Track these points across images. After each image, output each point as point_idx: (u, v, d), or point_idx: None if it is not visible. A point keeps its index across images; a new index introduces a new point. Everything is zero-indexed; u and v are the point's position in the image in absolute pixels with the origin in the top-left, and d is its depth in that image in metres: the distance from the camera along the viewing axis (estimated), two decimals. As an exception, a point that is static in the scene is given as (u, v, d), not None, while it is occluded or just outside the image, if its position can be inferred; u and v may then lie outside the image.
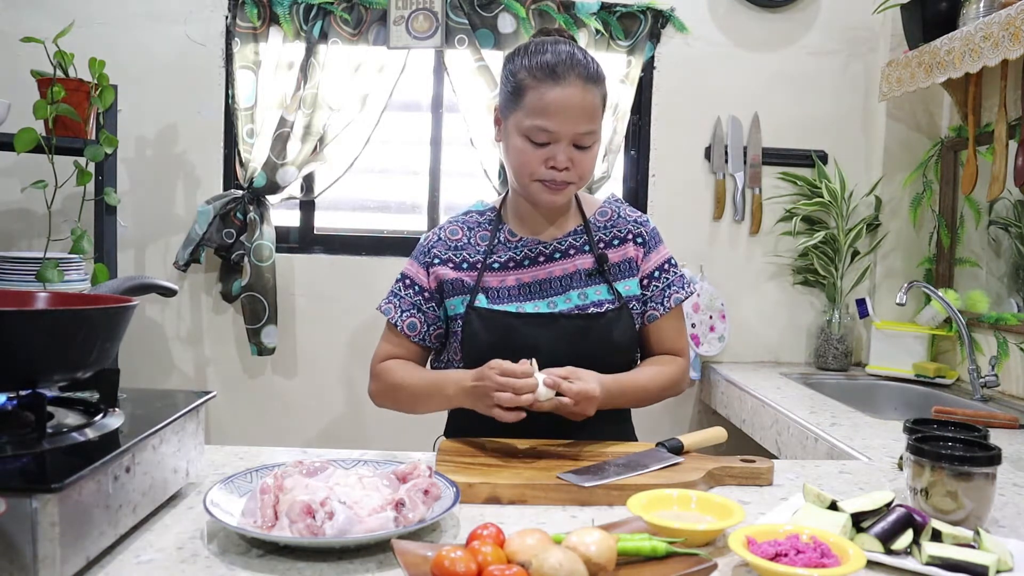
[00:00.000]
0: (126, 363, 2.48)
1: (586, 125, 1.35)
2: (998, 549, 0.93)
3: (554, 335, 1.40)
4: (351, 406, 2.71)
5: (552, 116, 1.33)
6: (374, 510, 0.94)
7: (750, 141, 2.76)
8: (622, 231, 1.50)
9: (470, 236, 1.50)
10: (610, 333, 1.42)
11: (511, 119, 1.39)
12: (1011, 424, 1.84)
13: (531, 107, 1.35)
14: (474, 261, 1.46)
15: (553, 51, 1.36)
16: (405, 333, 1.47)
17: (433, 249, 1.49)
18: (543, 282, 1.45)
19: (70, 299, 1.12)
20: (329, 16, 2.54)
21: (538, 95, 1.34)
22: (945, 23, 2.26)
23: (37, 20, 2.44)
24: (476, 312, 1.42)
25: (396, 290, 1.50)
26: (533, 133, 1.35)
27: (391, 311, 1.49)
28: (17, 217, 2.54)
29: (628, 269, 1.48)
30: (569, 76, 1.33)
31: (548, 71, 1.34)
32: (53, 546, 0.76)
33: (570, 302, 1.43)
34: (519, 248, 1.47)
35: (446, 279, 1.46)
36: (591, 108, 1.36)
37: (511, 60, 1.41)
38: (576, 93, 1.34)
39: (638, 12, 2.64)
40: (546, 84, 1.34)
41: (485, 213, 1.53)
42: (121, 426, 0.97)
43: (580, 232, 1.49)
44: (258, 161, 2.55)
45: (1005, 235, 2.42)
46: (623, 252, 1.49)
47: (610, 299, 1.44)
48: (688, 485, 1.14)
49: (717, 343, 2.68)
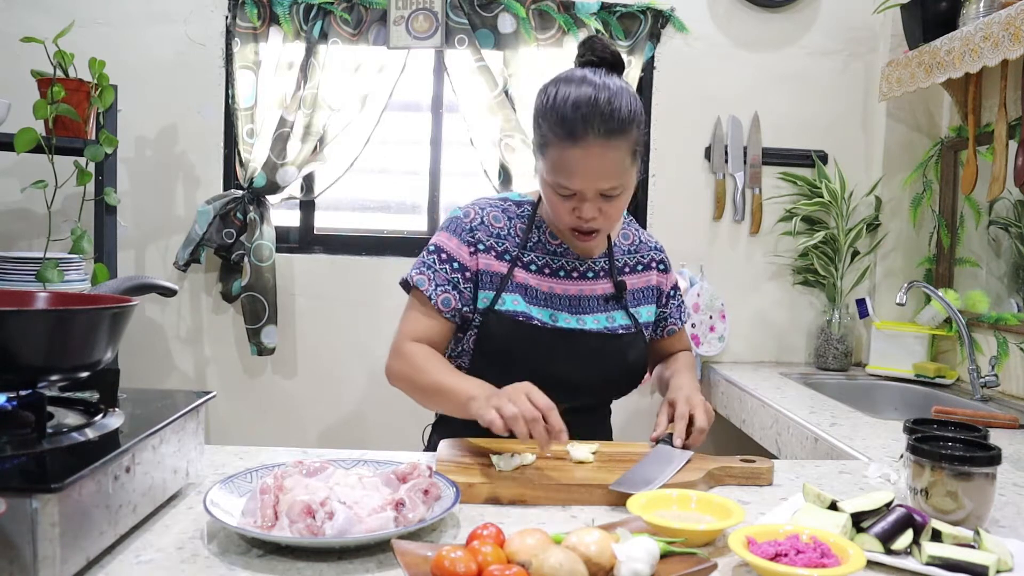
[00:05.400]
0: (126, 363, 2.49)
1: (609, 182, 1.30)
2: (998, 549, 0.93)
3: (577, 351, 1.40)
4: (351, 406, 2.71)
5: (572, 177, 1.29)
6: (374, 510, 0.94)
7: (750, 141, 2.76)
8: (645, 257, 1.54)
9: (510, 226, 1.44)
10: (625, 355, 1.45)
11: (541, 167, 1.36)
12: (1011, 424, 1.84)
13: (553, 164, 1.31)
14: (514, 254, 1.42)
15: (575, 102, 1.27)
16: (439, 308, 1.37)
17: (477, 232, 1.41)
18: (573, 298, 1.44)
19: (70, 299, 1.12)
20: (329, 16, 2.54)
21: (558, 153, 1.29)
22: (945, 23, 2.26)
23: (37, 20, 2.44)
24: (496, 315, 1.38)
25: (430, 262, 1.40)
26: (557, 187, 1.33)
27: (424, 282, 1.38)
28: (17, 217, 2.54)
29: (649, 295, 1.53)
30: (588, 135, 1.26)
31: (567, 130, 1.27)
32: (53, 546, 0.76)
33: (599, 324, 1.44)
34: (557, 256, 1.45)
35: (487, 268, 1.40)
36: (613, 165, 1.29)
37: (541, 105, 1.34)
38: (595, 153, 1.27)
39: (638, 12, 2.64)
40: (566, 143, 1.28)
41: (523, 205, 1.47)
42: (121, 426, 0.97)
43: (605, 257, 1.49)
44: (258, 161, 2.55)
45: (1005, 235, 2.42)
46: (646, 279, 1.53)
47: (628, 324, 1.47)
48: (688, 485, 1.14)
49: (717, 343, 2.68)
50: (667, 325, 1.57)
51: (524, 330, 1.38)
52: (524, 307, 1.39)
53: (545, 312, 1.41)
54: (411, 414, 1.88)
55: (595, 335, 1.42)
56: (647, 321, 1.51)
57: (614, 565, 0.82)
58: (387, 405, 2.62)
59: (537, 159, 1.38)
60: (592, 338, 1.41)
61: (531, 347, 1.38)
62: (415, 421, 1.73)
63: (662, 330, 1.58)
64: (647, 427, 1.59)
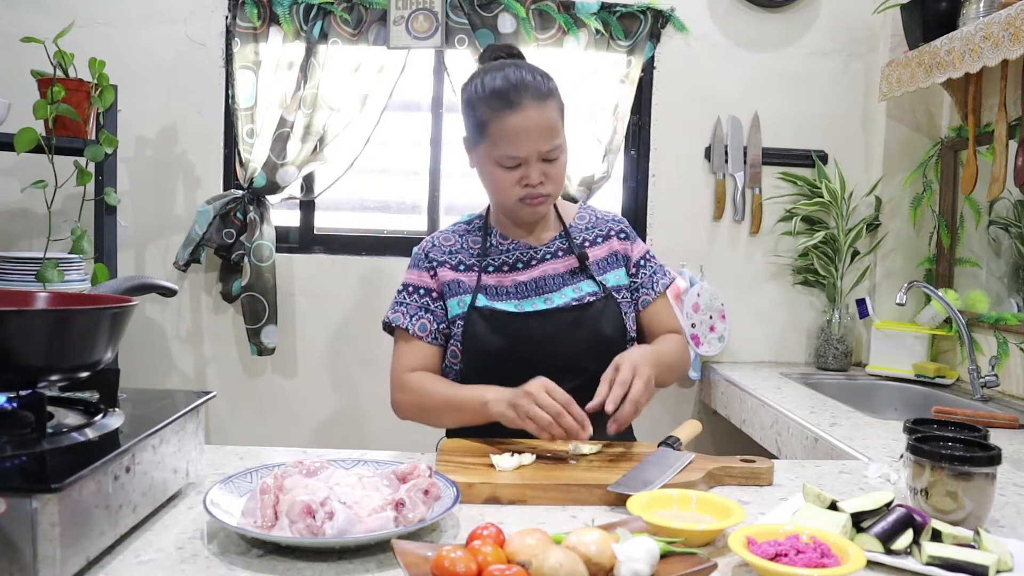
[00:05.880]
0: (126, 363, 2.48)
1: (549, 142, 1.41)
2: (998, 549, 0.93)
3: (551, 329, 1.45)
4: (351, 406, 2.71)
5: (516, 142, 1.39)
6: (374, 510, 0.94)
7: (750, 141, 2.76)
8: (603, 229, 1.59)
9: (463, 241, 1.56)
10: (599, 323, 1.48)
11: (480, 150, 1.46)
12: (1011, 424, 1.84)
13: (495, 137, 1.41)
14: (471, 264, 1.52)
15: (503, 78, 1.41)
16: (418, 336, 1.49)
17: (430, 254, 1.54)
18: (538, 280, 1.51)
19: (70, 299, 1.12)
20: (329, 16, 2.54)
21: (499, 125, 1.40)
22: (945, 23, 2.26)
23: (37, 20, 2.44)
24: (478, 312, 1.46)
25: (400, 300, 1.53)
26: (503, 160, 1.42)
27: (399, 319, 1.50)
28: (17, 217, 2.54)
29: (615, 261, 1.57)
30: (523, 100, 1.38)
31: (503, 100, 1.39)
32: (53, 546, 0.76)
33: (565, 297, 1.50)
34: (511, 252, 1.54)
35: (447, 280, 1.50)
36: (550, 124, 1.41)
37: (466, 91, 1.47)
38: (532, 115, 1.39)
39: (638, 12, 2.64)
40: (503, 113, 1.39)
41: (472, 222, 1.60)
42: (121, 426, 0.97)
43: (562, 237, 1.56)
44: (258, 161, 2.55)
45: (1005, 235, 2.42)
46: (608, 247, 1.57)
47: (595, 291, 1.51)
48: (688, 485, 1.14)
49: (717, 343, 2.68)
50: (640, 295, 1.57)
51: (498, 320, 1.45)
52: (487, 303, 1.47)
53: (510, 303, 1.48)
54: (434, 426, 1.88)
55: (566, 309, 1.47)
56: (617, 285, 1.53)
57: (614, 565, 0.82)
58: (387, 405, 2.60)
59: (474, 151, 1.48)
60: (564, 312, 1.47)
61: (507, 336, 1.44)
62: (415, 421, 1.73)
63: (638, 301, 1.58)
64: (653, 422, 1.60)
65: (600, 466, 1.22)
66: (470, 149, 1.51)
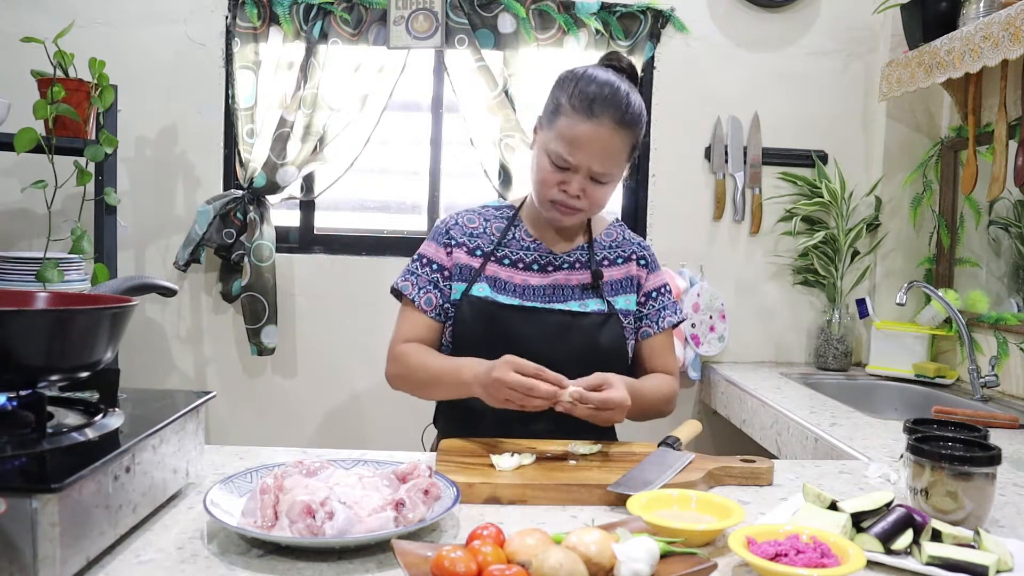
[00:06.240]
0: (126, 363, 2.49)
1: (603, 164, 1.40)
2: (998, 549, 0.93)
3: (538, 330, 1.44)
4: (351, 406, 2.71)
5: (573, 147, 1.38)
6: (374, 510, 0.94)
7: (750, 141, 2.76)
8: (626, 251, 1.58)
9: (486, 226, 1.55)
10: (596, 336, 1.46)
11: (544, 135, 1.44)
12: (1011, 424, 1.84)
13: (560, 133, 1.39)
14: (487, 251, 1.51)
15: (598, 85, 1.39)
16: (422, 308, 1.49)
17: (452, 231, 1.53)
18: (547, 288, 1.50)
19: (70, 299, 1.12)
20: (329, 16, 2.54)
21: (569, 124, 1.38)
22: (945, 23, 2.26)
23: (37, 20, 2.44)
24: (468, 300, 1.46)
25: (413, 269, 1.52)
26: (555, 157, 1.41)
27: (408, 288, 1.50)
28: (17, 217, 2.54)
29: (628, 286, 1.55)
30: (602, 115, 1.37)
31: (585, 105, 1.37)
32: (53, 546, 0.76)
33: (570, 307, 1.48)
34: (530, 251, 1.52)
35: (460, 263, 1.50)
36: (613, 149, 1.39)
37: (563, 80, 1.45)
38: (603, 133, 1.37)
39: (638, 12, 2.64)
40: (579, 116, 1.38)
41: (502, 209, 1.59)
42: (121, 426, 0.97)
43: (585, 249, 1.55)
44: (258, 161, 2.55)
45: (1005, 235, 2.42)
46: (626, 270, 1.56)
47: (601, 308, 1.50)
48: (688, 485, 1.14)
49: (717, 343, 2.68)
50: (643, 326, 1.55)
51: (491, 311, 1.44)
52: (490, 294, 1.46)
53: (513, 299, 1.47)
54: (411, 414, 1.88)
55: (563, 312, 1.47)
56: (624, 309, 1.52)
57: (614, 565, 0.82)
58: (387, 405, 2.62)
59: (540, 132, 1.46)
60: (560, 315, 1.46)
61: (498, 327, 1.43)
62: (415, 421, 1.73)
63: (639, 331, 1.55)
64: (653, 422, 1.60)
65: (600, 466, 1.22)
66: (538, 129, 1.48)
